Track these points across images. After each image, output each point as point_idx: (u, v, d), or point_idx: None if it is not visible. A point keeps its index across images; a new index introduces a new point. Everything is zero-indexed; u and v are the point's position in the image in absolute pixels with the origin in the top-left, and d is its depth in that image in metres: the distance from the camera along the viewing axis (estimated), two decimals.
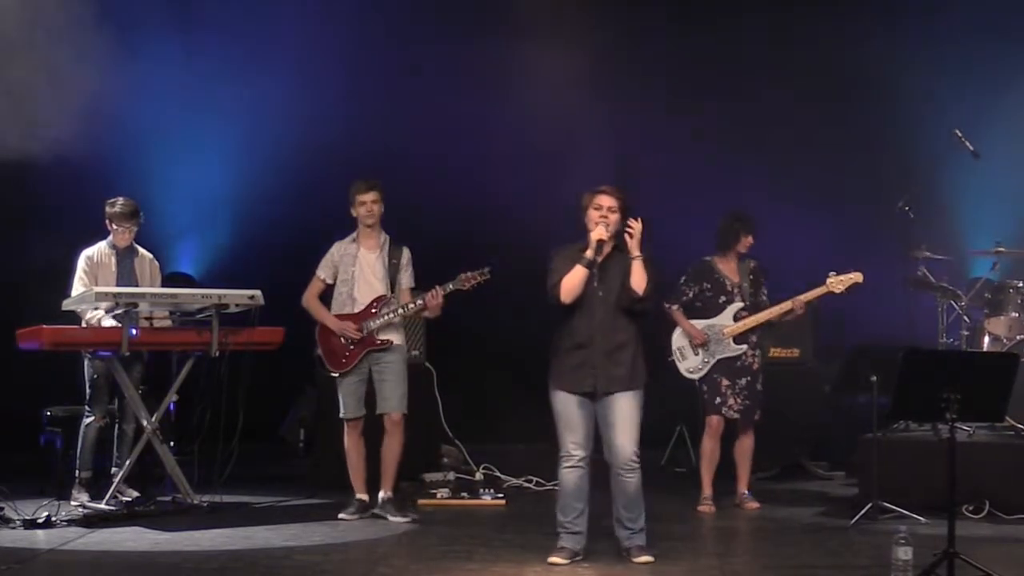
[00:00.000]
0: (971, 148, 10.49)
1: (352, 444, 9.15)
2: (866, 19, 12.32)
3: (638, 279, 7.52)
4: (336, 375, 9.09)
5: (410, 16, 12.36)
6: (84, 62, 10.40)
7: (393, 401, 9.07)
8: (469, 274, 8.97)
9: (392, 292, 9.09)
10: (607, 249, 7.57)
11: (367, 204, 9.03)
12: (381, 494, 9.09)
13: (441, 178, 12.08)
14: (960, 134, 10.49)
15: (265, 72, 12.21)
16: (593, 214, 7.59)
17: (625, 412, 7.55)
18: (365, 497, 9.15)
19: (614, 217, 7.57)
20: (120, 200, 9.60)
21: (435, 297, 8.95)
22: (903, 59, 11.95)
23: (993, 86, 11.74)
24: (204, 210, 12.32)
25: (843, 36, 12.24)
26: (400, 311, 9.04)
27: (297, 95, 12.23)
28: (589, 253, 7.52)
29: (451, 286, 8.98)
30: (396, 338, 9.10)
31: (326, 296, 9.15)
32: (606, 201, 7.58)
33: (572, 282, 7.53)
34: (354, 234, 9.16)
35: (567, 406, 7.59)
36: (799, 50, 12.21)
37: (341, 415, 9.12)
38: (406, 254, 9.16)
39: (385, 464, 9.12)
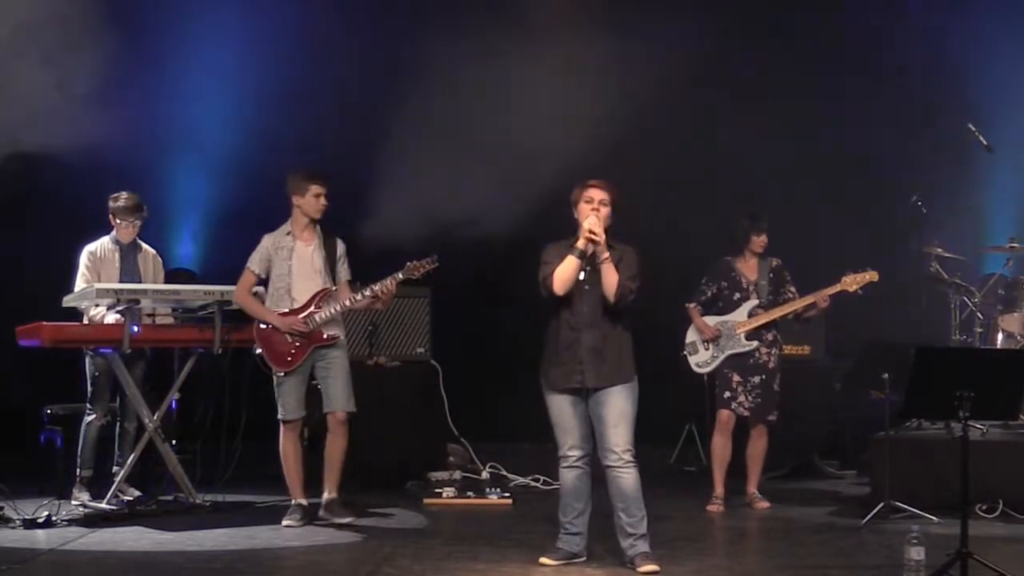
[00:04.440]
0: (985, 143, 10.43)
1: (290, 447, 8.89)
2: (878, 13, 12.23)
3: (607, 283, 7.36)
4: (281, 375, 8.81)
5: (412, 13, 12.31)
6: (87, 57, 10.33)
7: (340, 400, 8.84)
8: (416, 263, 8.79)
9: (333, 285, 8.87)
10: (599, 236, 7.33)
11: (321, 197, 8.82)
12: (325, 496, 8.87)
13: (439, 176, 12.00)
14: (974, 128, 10.41)
15: (270, 68, 12.16)
16: (584, 207, 7.46)
17: (616, 407, 7.37)
18: (304, 502, 8.89)
19: (605, 211, 7.44)
20: (123, 195, 9.55)
21: (389, 288, 8.75)
22: (917, 54, 11.87)
23: (1006, 80, 11.66)
24: (207, 206, 12.26)
25: (859, 31, 12.16)
26: (347, 303, 8.83)
27: (302, 91, 12.18)
28: (580, 243, 7.36)
29: (400, 275, 8.78)
30: (340, 333, 8.90)
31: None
32: (597, 194, 7.46)
33: (565, 273, 7.36)
34: (287, 226, 8.91)
35: (560, 407, 7.47)
36: (812, 45, 12.13)
37: (280, 417, 8.83)
38: (341, 246, 8.92)
39: (330, 464, 8.87)
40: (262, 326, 8.81)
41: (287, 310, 8.78)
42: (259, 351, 8.83)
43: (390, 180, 10.57)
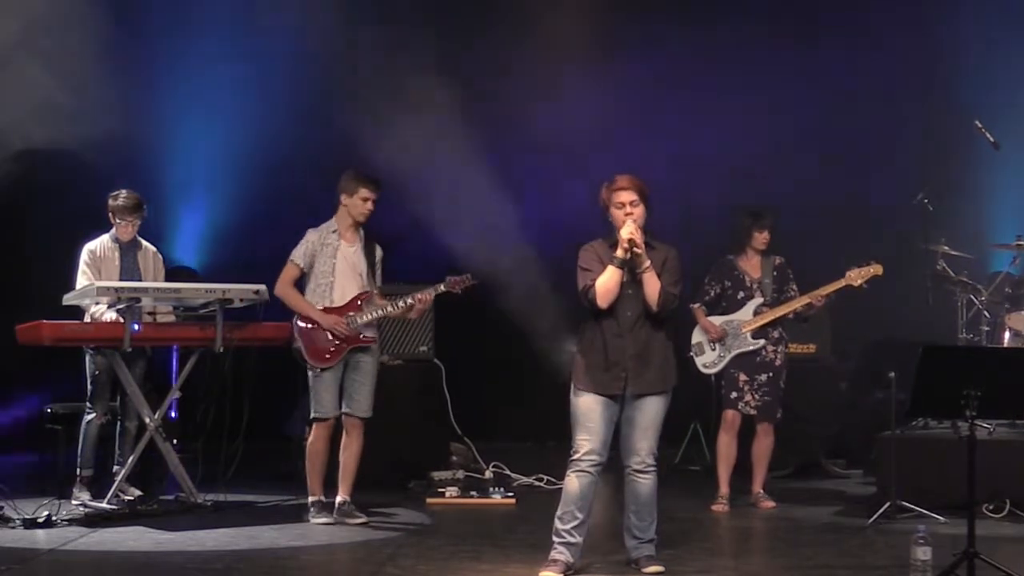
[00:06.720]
0: (991, 139, 10.37)
1: (321, 447, 8.82)
2: (882, 11, 12.21)
3: (649, 291, 7.21)
4: (317, 371, 8.78)
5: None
6: (89, 55, 10.31)
7: (363, 404, 8.81)
8: (457, 278, 8.83)
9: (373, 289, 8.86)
10: (639, 247, 7.18)
11: (369, 202, 8.78)
12: (338, 498, 8.84)
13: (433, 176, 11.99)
14: (981, 125, 10.36)
15: (271, 68, 12.12)
16: (616, 212, 7.27)
17: (651, 414, 7.27)
18: (324, 499, 8.86)
19: (639, 210, 7.24)
20: (123, 193, 9.48)
21: (426, 300, 8.77)
22: (921, 49, 11.84)
23: (1014, 76, 11.62)
24: (208, 204, 12.23)
25: (862, 27, 12.12)
26: (389, 308, 8.81)
27: (302, 91, 12.14)
28: (620, 252, 7.16)
29: (442, 287, 8.81)
30: (376, 337, 8.92)
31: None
32: (626, 196, 7.25)
33: (608, 285, 7.16)
34: (333, 224, 8.87)
35: (591, 408, 7.22)
36: (816, 41, 12.10)
37: (315, 414, 8.80)
38: (379, 252, 8.93)
39: (346, 467, 8.85)
40: (301, 323, 8.77)
41: (328, 307, 8.76)
42: (297, 345, 8.78)
43: (393, 180, 10.52)
